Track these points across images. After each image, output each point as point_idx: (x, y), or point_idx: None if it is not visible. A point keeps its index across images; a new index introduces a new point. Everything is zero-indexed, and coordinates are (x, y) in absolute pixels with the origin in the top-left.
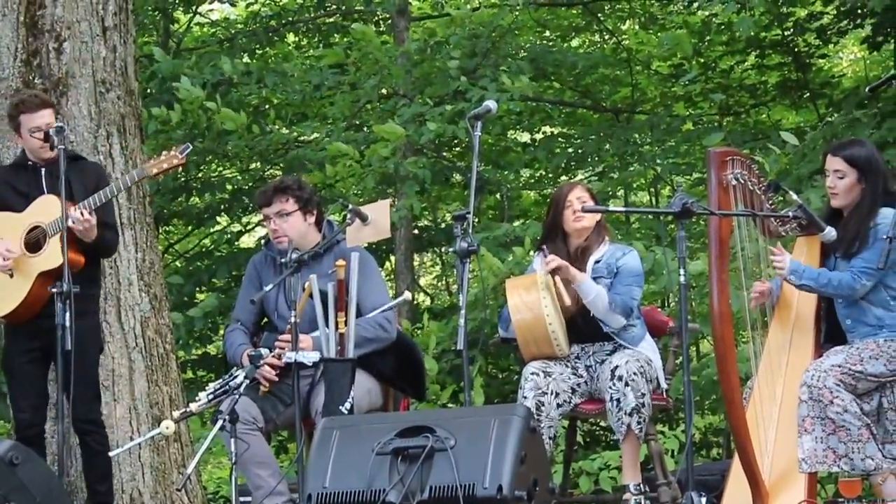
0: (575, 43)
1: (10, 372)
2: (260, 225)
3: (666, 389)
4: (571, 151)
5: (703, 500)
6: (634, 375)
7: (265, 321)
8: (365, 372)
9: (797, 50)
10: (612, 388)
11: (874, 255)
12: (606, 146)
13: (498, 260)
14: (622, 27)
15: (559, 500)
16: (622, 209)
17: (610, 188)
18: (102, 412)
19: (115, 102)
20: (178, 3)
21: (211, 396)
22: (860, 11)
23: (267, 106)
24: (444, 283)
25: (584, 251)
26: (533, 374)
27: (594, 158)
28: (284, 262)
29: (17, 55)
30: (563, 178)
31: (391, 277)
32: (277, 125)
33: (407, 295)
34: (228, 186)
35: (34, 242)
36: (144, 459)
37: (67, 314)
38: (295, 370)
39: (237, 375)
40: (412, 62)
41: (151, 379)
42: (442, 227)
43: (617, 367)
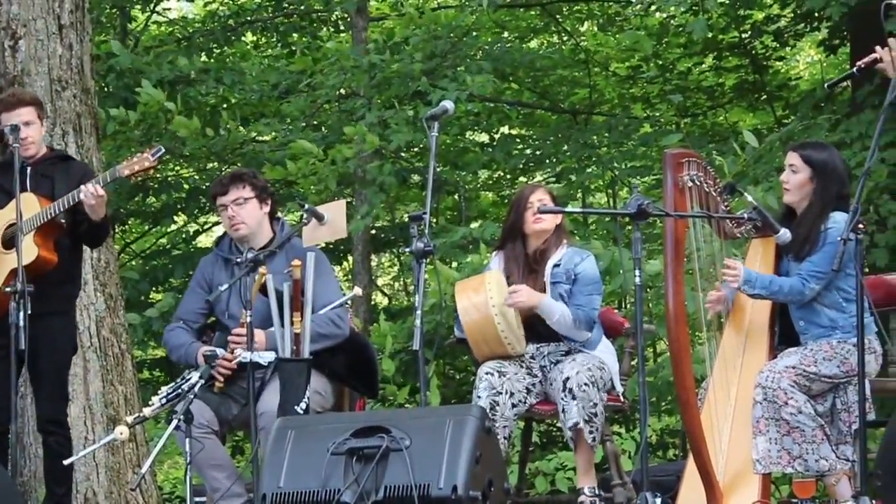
0: (533, 44)
1: None
2: (217, 225)
3: (622, 392)
4: (529, 152)
5: (657, 500)
6: (585, 387)
7: (210, 321)
8: (317, 372)
9: (754, 52)
10: (563, 399)
11: (822, 258)
12: (564, 147)
13: (454, 270)
14: (580, 29)
15: (514, 500)
16: (579, 210)
17: (569, 190)
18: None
19: (70, 101)
20: (135, 1)
21: (164, 400)
22: (817, 15)
23: (224, 105)
24: (401, 283)
25: (542, 254)
26: (487, 374)
27: (552, 160)
28: (240, 261)
29: None
30: (521, 179)
31: (348, 277)
32: (231, 126)
33: (357, 290)
34: (185, 186)
35: (9, 239)
36: (99, 459)
37: (21, 313)
38: (250, 370)
39: (191, 377)
40: (373, 65)
41: (106, 379)
42: (399, 227)
43: (568, 378)
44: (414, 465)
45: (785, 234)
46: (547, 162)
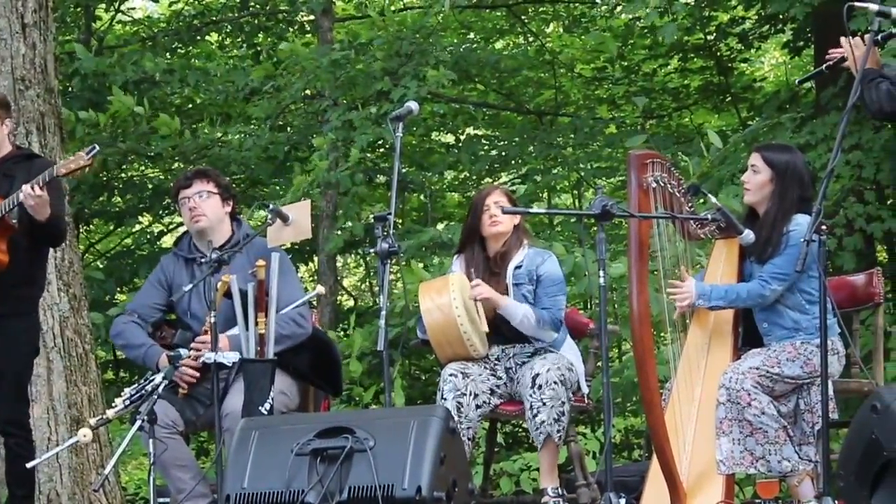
0: (499, 45)
1: None
2: (182, 225)
3: (587, 392)
4: (495, 153)
5: (621, 500)
6: (555, 384)
7: (167, 318)
8: (281, 371)
9: (719, 54)
10: (531, 395)
11: (784, 260)
12: (530, 148)
13: (423, 271)
14: (546, 30)
15: (479, 500)
16: (542, 211)
17: (534, 190)
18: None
19: (34, 100)
20: (99, 0)
21: (128, 401)
22: (781, 17)
23: (189, 106)
24: (367, 284)
25: (503, 256)
26: (451, 375)
27: (518, 161)
28: (204, 261)
29: None
30: (486, 180)
31: (314, 278)
32: (201, 127)
33: (320, 289)
34: (150, 186)
35: None
36: (62, 460)
37: None
38: (214, 371)
39: (154, 378)
40: (337, 66)
41: (70, 379)
42: (365, 227)
43: (538, 374)
44: (378, 465)
45: (748, 234)
46: (512, 163)
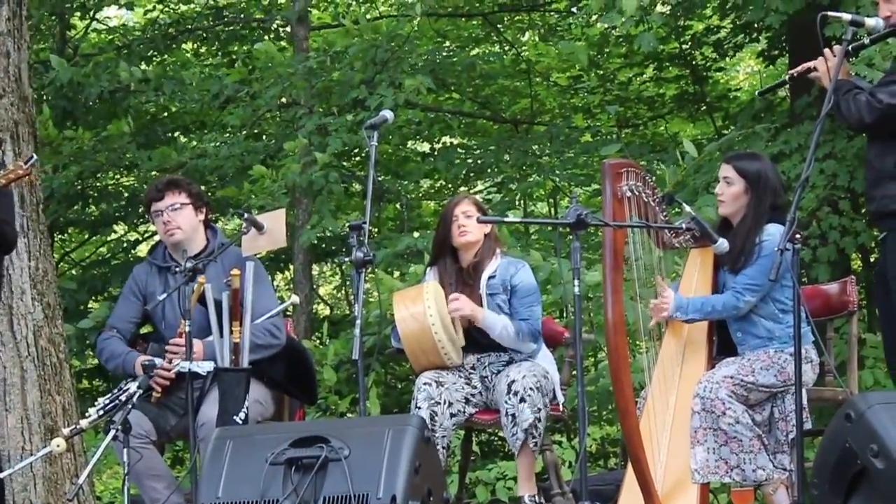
0: (474, 53)
1: None
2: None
3: (562, 401)
4: (471, 162)
5: None
6: (531, 391)
7: (144, 332)
8: (256, 380)
9: (694, 63)
10: (507, 402)
11: (757, 271)
12: (506, 157)
13: (396, 280)
14: (522, 39)
15: None
16: (517, 220)
17: (509, 199)
18: None
19: (8, 109)
20: (74, 8)
21: (102, 411)
22: (756, 26)
23: (165, 114)
24: (343, 292)
25: (475, 267)
26: (426, 384)
27: (493, 169)
28: (178, 270)
29: None
30: (462, 188)
31: (290, 287)
32: (178, 136)
33: (295, 298)
34: (125, 194)
35: None
36: (36, 470)
37: None
38: (189, 380)
39: (128, 387)
40: (313, 74)
41: (44, 389)
42: (341, 236)
43: (514, 381)
44: (353, 475)
45: (722, 243)
46: (488, 171)
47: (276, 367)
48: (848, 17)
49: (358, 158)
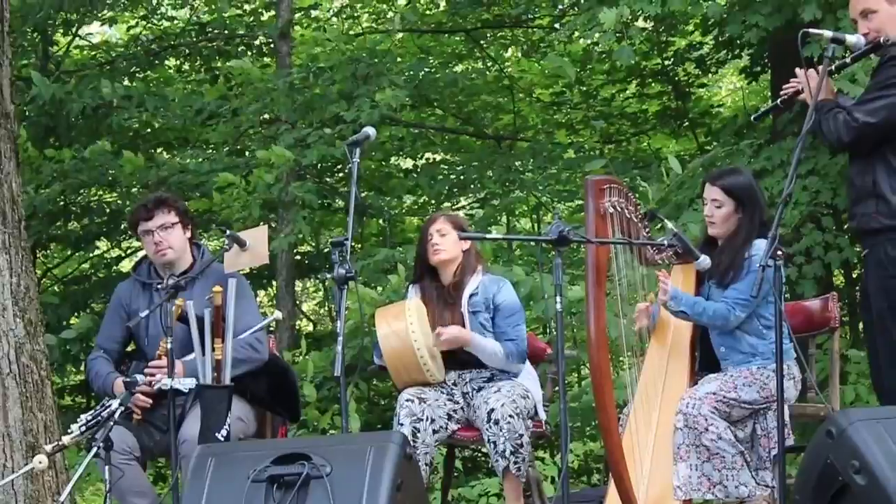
0: (458, 69)
1: None
2: (140, 250)
3: (545, 418)
4: (454, 178)
5: None
6: (510, 417)
7: (130, 349)
8: (238, 397)
9: (677, 79)
10: (488, 430)
11: (748, 286)
12: (489, 173)
13: (373, 291)
14: (505, 55)
15: None
16: (499, 237)
17: (493, 214)
18: None
19: None
20: (57, 25)
21: (84, 428)
22: (738, 42)
23: (148, 130)
24: (326, 308)
25: (456, 286)
26: (408, 400)
27: (476, 185)
28: (161, 287)
29: None
30: (445, 204)
31: (273, 303)
32: (159, 152)
33: (278, 314)
34: (108, 210)
35: None
36: (18, 487)
37: None
38: (171, 397)
39: (110, 404)
40: (294, 89)
41: (26, 406)
42: (324, 252)
43: (493, 409)
44: (335, 492)
45: (704, 260)
46: (471, 187)
47: (258, 383)
48: (829, 34)
49: (341, 175)
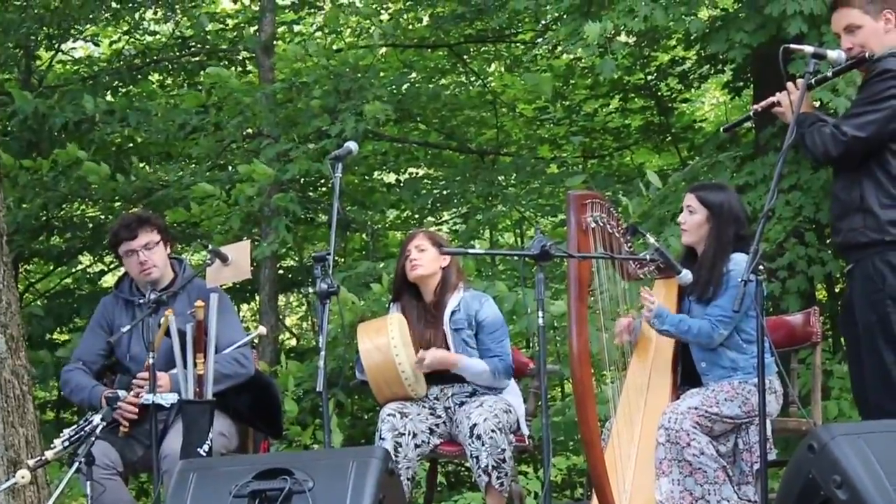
0: (441, 84)
1: None
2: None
3: (528, 433)
4: (437, 192)
5: None
6: (493, 433)
7: (110, 363)
8: (220, 413)
9: (659, 94)
10: (470, 445)
11: (728, 301)
12: (472, 187)
13: (355, 296)
14: (488, 70)
15: None
16: (481, 251)
17: (476, 228)
18: None
19: None
20: (40, 41)
21: (66, 443)
22: (721, 57)
23: (130, 145)
24: (309, 323)
25: (437, 305)
26: (389, 415)
27: (459, 199)
28: (143, 302)
29: None
30: (428, 218)
31: (256, 317)
32: (141, 166)
33: (262, 329)
34: (90, 225)
35: None
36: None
37: None
38: (153, 412)
39: (93, 419)
40: (276, 102)
41: (7, 421)
42: (307, 267)
43: (475, 424)
44: None
45: (686, 274)
46: (454, 201)
47: (241, 398)
48: (810, 49)
49: (324, 189)
